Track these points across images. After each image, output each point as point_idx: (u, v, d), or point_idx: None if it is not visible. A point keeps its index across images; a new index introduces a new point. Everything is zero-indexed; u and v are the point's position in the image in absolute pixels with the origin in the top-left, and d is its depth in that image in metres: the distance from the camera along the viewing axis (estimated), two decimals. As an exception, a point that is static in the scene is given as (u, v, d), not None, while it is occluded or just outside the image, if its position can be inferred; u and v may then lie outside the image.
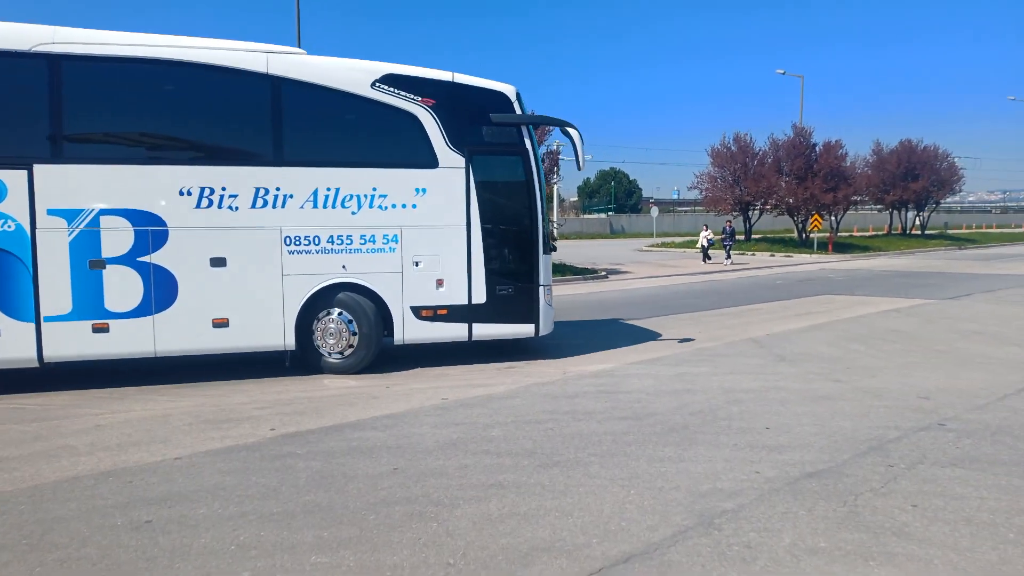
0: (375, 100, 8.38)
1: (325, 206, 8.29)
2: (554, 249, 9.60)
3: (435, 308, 8.71)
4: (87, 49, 7.61)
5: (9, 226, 7.40)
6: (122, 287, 7.71)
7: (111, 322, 7.72)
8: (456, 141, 8.63)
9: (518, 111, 8.85)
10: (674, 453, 5.50)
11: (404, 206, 8.54)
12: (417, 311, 8.65)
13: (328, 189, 8.29)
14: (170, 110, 8.01)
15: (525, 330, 9.02)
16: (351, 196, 8.37)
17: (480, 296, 8.80)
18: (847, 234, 41.92)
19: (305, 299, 8.29)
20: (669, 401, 7.08)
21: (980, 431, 6.05)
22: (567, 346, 10.24)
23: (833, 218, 37.41)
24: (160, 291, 7.83)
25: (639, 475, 5.02)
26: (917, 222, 44.73)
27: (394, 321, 8.58)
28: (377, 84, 8.38)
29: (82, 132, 7.73)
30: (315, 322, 8.44)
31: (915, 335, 11.02)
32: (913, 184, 39.91)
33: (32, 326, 7.49)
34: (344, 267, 8.39)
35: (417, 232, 8.59)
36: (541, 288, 8.99)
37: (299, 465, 5.25)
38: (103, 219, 7.64)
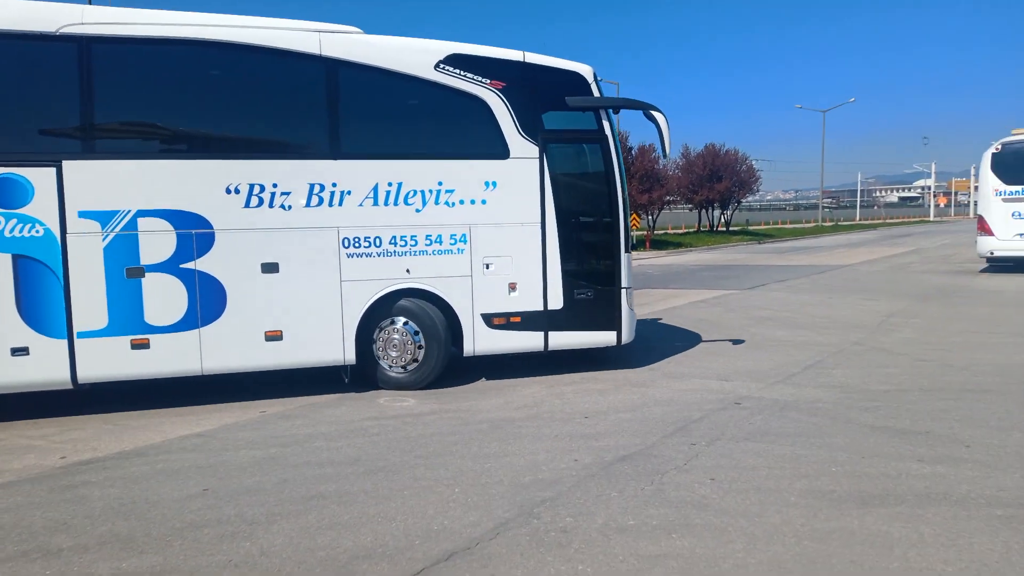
0: (439, 84, 7.48)
1: (387, 203, 7.40)
2: (635, 247, 8.67)
3: (508, 315, 7.80)
4: (119, 30, 6.73)
5: (36, 231, 6.53)
6: (164, 297, 6.82)
7: (152, 337, 6.83)
8: (529, 128, 7.72)
9: (596, 93, 7.91)
10: (499, 448, 5.66)
11: (473, 202, 7.64)
12: (488, 319, 7.75)
13: (390, 184, 7.39)
14: (214, 97, 7.12)
15: (606, 338, 8.09)
16: (415, 192, 7.47)
17: (557, 301, 7.88)
18: (662, 232, 44.69)
19: (366, 307, 7.39)
20: (494, 398, 7.29)
21: (770, 407, 6.66)
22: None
23: (650, 217, 39.21)
24: (206, 301, 6.94)
25: (464, 472, 5.15)
26: (723, 219, 47.50)
27: (463, 330, 7.67)
28: (441, 66, 7.48)
29: (116, 123, 6.84)
30: (376, 332, 7.58)
31: (719, 323, 11.95)
32: (718, 185, 42.59)
33: (64, 343, 6.61)
34: (408, 271, 7.50)
35: (487, 231, 7.68)
36: (623, 291, 8.07)
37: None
38: (141, 221, 6.75)
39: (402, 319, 7.57)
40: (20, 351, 6.52)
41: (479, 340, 7.71)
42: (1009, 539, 3.89)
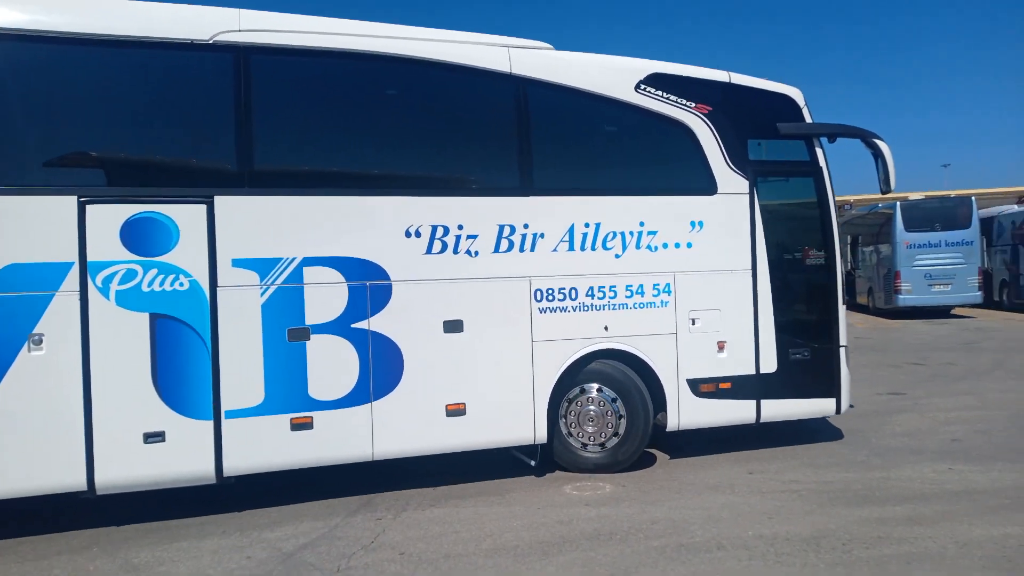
0: (640, 107, 6.34)
1: (583, 248, 6.19)
2: (847, 299, 7.53)
3: (717, 381, 6.54)
4: (280, 39, 5.56)
5: (181, 284, 5.24)
6: (332, 365, 5.51)
7: (316, 415, 5.48)
8: (737, 159, 6.59)
9: (807, 118, 6.87)
10: (151, 556, 4.84)
11: (677, 245, 6.44)
12: (695, 385, 6.48)
13: (586, 225, 6.19)
14: (390, 122, 5.90)
15: (824, 407, 6.81)
16: (614, 234, 6.27)
17: (770, 363, 6.64)
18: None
19: (560, 372, 6.13)
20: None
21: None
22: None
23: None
24: (381, 369, 5.63)
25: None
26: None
27: (667, 399, 6.39)
28: (642, 86, 6.36)
29: (278, 150, 5.62)
30: (565, 403, 6.31)
31: None
32: None
33: (209, 425, 5.24)
34: (606, 328, 6.26)
35: (693, 279, 6.48)
36: (842, 349, 6.90)
37: None
38: (307, 271, 5.48)
39: (595, 385, 6.30)
40: (154, 437, 5.14)
41: (685, 411, 6.43)
42: None
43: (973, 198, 19.34)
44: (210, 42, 5.36)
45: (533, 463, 6.25)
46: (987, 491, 5.58)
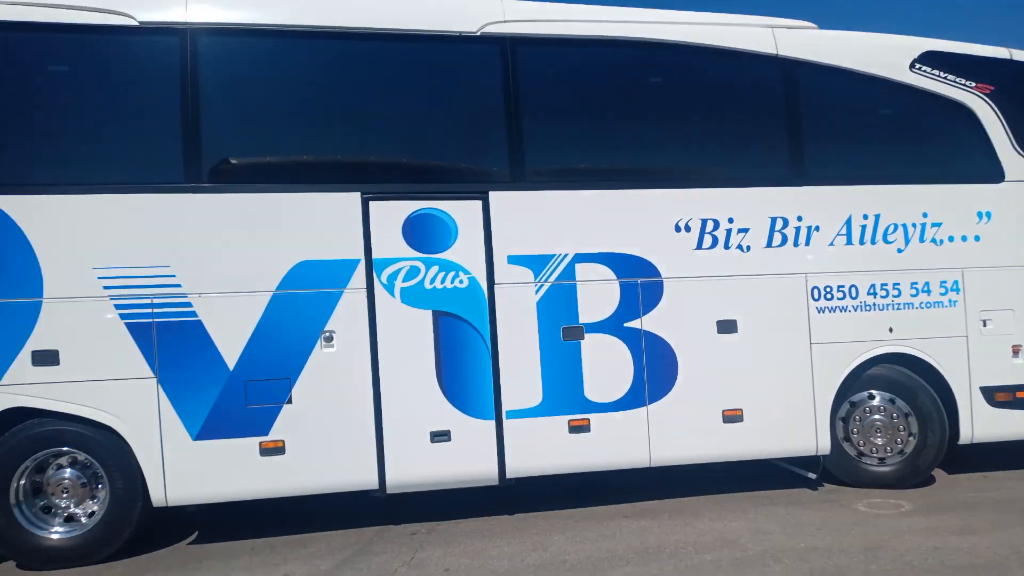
0: (916, 88, 5.80)
1: (862, 242, 5.68)
2: None
3: (1014, 389, 5.82)
4: (544, 28, 5.41)
5: (460, 281, 5.17)
6: (606, 366, 5.25)
7: (592, 417, 5.24)
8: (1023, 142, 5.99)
9: (1100, 98, 6.15)
10: None
11: (964, 238, 5.81)
12: (989, 394, 5.76)
13: (865, 217, 5.69)
14: (656, 111, 5.63)
15: None
16: (894, 226, 5.73)
17: (1074, 370, 5.91)
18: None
19: (843, 378, 5.61)
20: None
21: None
22: None
23: None
24: (655, 371, 5.32)
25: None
26: None
27: (959, 408, 5.71)
28: (917, 66, 5.85)
29: (550, 143, 5.47)
30: (849, 410, 5.73)
31: None
32: None
33: (492, 425, 5.10)
34: (891, 329, 5.72)
35: (983, 276, 5.80)
36: None
37: None
38: (579, 268, 5.28)
39: (881, 393, 5.76)
40: (440, 436, 5.04)
41: (980, 423, 5.72)
42: None
43: None
44: (478, 34, 5.31)
45: (814, 476, 5.71)
46: None
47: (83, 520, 4.70)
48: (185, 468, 4.70)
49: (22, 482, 4.63)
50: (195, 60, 4.89)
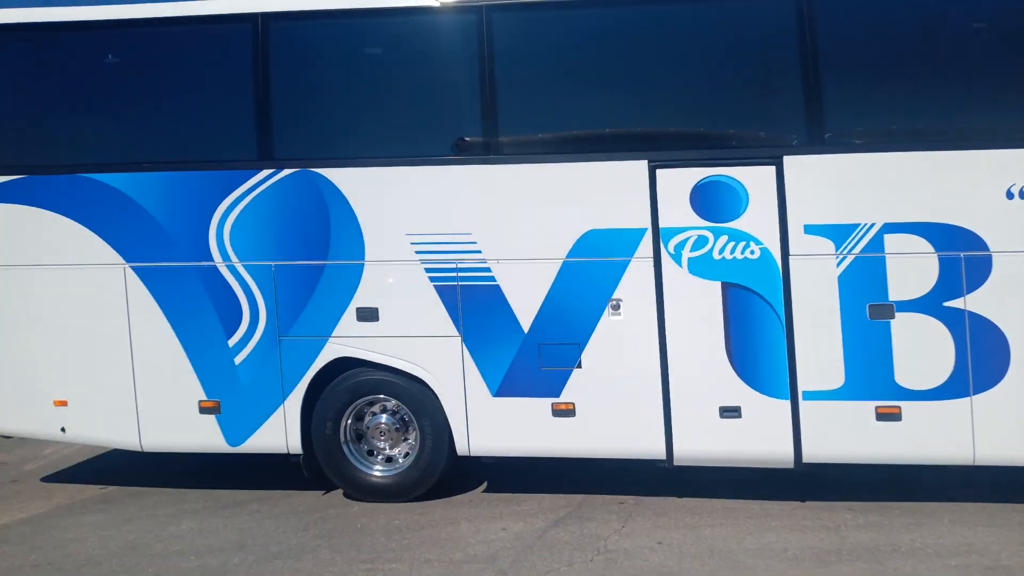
0: None
1: None
2: None
3: None
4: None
5: (751, 252, 4.91)
6: (922, 349, 4.69)
7: (904, 405, 4.70)
8: None
9: None
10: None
11: None
12: None
13: None
14: (976, 57, 4.87)
15: None
16: None
17: None
18: None
19: None
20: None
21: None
22: None
23: None
24: (981, 357, 4.63)
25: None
26: None
27: None
28: None
29: (853, 102, 4.94)
30: None
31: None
32: None
33: (786, 405, 4.78)
34: None
35: None
36: None
37: None
38: (888, 239, 4.76)
39: None
40: (730, 412, 4.83)
41: None
42: None
43: None
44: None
45: None
46: None
47: (400, 461, 5.19)
48: (486, 422, 4.99)
49: (348, 422, 5.23)
50: (490, 37, 5.15)
